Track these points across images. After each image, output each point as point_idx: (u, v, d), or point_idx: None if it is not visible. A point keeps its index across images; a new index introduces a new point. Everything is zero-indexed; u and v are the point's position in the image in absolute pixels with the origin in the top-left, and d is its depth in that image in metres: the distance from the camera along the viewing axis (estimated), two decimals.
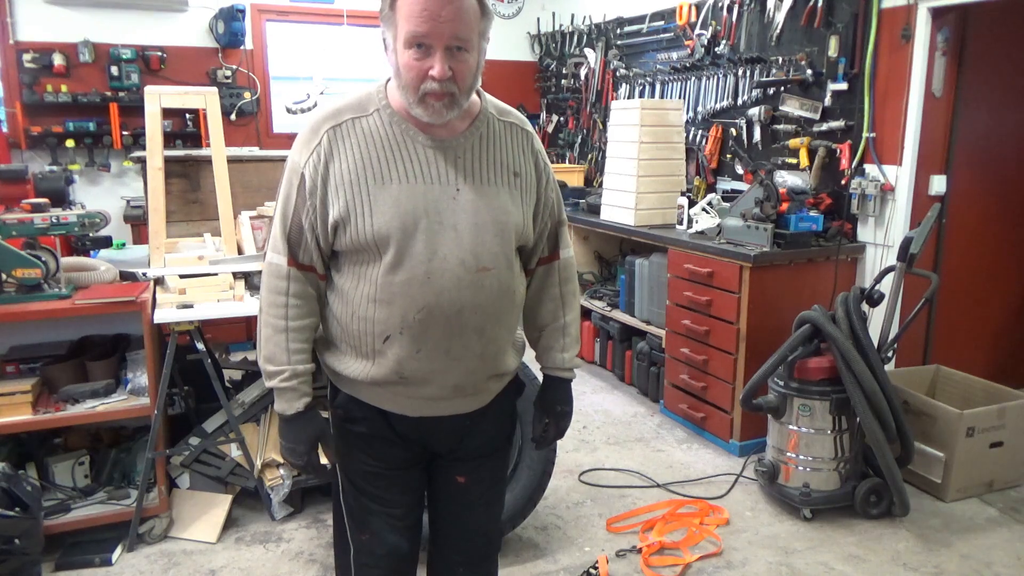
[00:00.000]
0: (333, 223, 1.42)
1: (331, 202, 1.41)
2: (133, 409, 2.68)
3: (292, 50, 5.71)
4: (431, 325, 1.43)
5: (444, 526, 1.73)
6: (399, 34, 1.35)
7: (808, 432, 2.96)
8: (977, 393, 3.28)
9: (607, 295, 4.64)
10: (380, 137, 1.43)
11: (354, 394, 1.56)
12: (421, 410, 1.54)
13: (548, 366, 1.72)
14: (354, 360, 1.50)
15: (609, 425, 3.88)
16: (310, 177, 1.42)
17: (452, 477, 1.67)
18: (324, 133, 1.43)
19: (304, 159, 1.43)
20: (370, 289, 1.43)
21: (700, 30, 4.41)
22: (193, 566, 2.62)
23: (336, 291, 1.50)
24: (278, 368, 1.50)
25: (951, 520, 2.94)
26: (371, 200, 1.40)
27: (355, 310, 1.46)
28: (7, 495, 2.42)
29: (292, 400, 1.52)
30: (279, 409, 1.53)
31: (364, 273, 1.44)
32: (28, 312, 2.56)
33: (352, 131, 1.43)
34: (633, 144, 4.08)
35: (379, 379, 1.48)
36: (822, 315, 2.91)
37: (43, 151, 4.97)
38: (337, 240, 1.44)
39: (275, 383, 1.51)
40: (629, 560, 2.68)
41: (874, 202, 3.46)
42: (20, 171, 2.99)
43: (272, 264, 1.49)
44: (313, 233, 1.45)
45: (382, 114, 1.45)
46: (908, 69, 3.30)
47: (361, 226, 1.40)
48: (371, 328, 1.45)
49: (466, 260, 1.43)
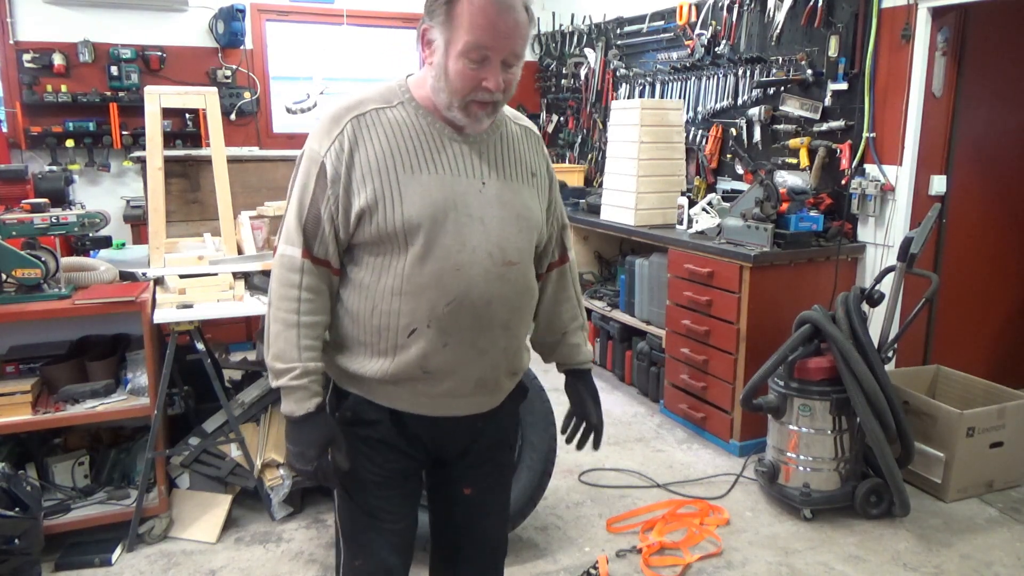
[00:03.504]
0: (359, 212, 1.38)
1: (356, 191, 1.38)
2: (133, 409, 2.68)
3: (292, 50, 5.71)
4: (460, 317, 1.42)
5: (454, 538, 1.70)
6: (455, 41, 1.33)
7: (808, 432, 2.96)
8: (977, 393, 3.28)
9: (607, 295, 4.64)
10: (407, 127, 1.42)
11: (366, 395, 1.51)
12: (440, 409, 1.51)
13: (579, 361, 1.78)
14: (369, 358, 1.46)
15: (609, 425, 3.88)
16: (332, 166, 1.39)
17: (459, 489, 1.65)
18: (348, 122, 1.40)
19: (325, 147, 1.40)
20: (394, 281, 1.40)
21: (700, 30, 4.41)
22: (193, 566, 2.62)
23: (353, 286, 1.46)
24: (288, 365, 1.43)
25: (951, 520, 2.94)
26: (400, 189, 1.38)
27: (376, 304, 1.42)
28: (7, 495, 2.42)
29: (302, 400, 1.44)
30: (287, 411, 1.46)
31: (387, 265, 1.41)
32: (28, 312, 2.56)
33: (378, 120, 1.41)
34: (633, 144, 4.08)
35: (398, 376, 1.45)
36: (822, 315, 2.91)
37: (43, 151, 4.97)
38: (360, 231, 1.41)
39: (284, 381, 1.43)
40: (629, 560, 2.68)
41: (874, 202, 3.46)
42: (20, 171, 3.00)
43: (285, 256, 1.44)
44: (332, 224, 1.41)
45: (407, 106, 1.43)
46: (908, 69, 3.30)
47: (390, 215, 1.37)
48: (395, 322, 1.41)
49: (493, 253, 1.43)
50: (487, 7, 1.31)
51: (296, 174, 1.45)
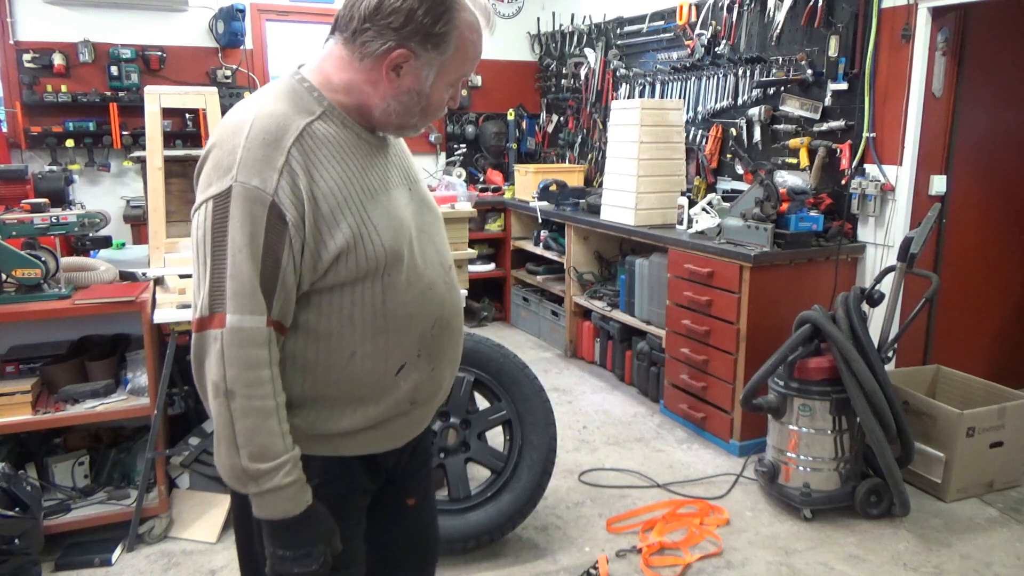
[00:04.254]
0: (334, 255, 1.17)
1: (328, 231, 1.16)
2: (133, 409, 2.68)
3: (292, 50, 5.71)
4: (443, 337, 1.34)
5: (396, 550, 1.57)
6: (446, 71, 1.24)
7: (808, 432, 2.96)
8: (977, 393, 3.28)
9: (607, 295, 4.64)
10: (346, 144, 1.23)
11: (335, 453, 1.29)
12: (412, 433, 1.40)
13: None
14: (343, 412, 1.26)
15: (609, 425, 3.88)
16: (291, 205, 1.13)
17: (403, 503, 1.54)
18: (290, 147, 1.15)
19: (271, 183, 1.12)
20: (376, 321, 1.23)
21: (700, 30, 4.41)
22: (193, 566, 2.62)
23: (311, 338, 1.22)
24: (277, 463, 1.15)
25: (951, 520, 2.94)
26: (371, 218, 1.21)
27: (356, 349, 1.23)
28: (7, 495, 2.42)
29: (298, 495, 1.19)
30: (282, 512, 1.18)
31: (360, 303, 1.22)
32: (28, 312, 2.56)
33: (316, 140, 1.19)
34: (633, 144, 4.08)
35: (383, 418, 1.29)
36: (822, 315, 2.91)
37: (43, 151, 4.97)
38: (329, 275, 1.18)
39: (276, 482, 1.15)
40: (629, 560, 2.68)
41: (874, 202, 3.46)
42: (20, 171, 3.01)
43: (244, 330, 1.12)
44: (295, 275, 1.16)
45: (331, 118, 1.23)
46: (908, 69, 3.30)
47: (371, 249, 1.19)
48: (381, 365, 1.26)
49: (442, 261, 1.37)
50: (479, 40, 1.26)
51: (229, 221, 1.12)
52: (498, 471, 2.69)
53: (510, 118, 6.32)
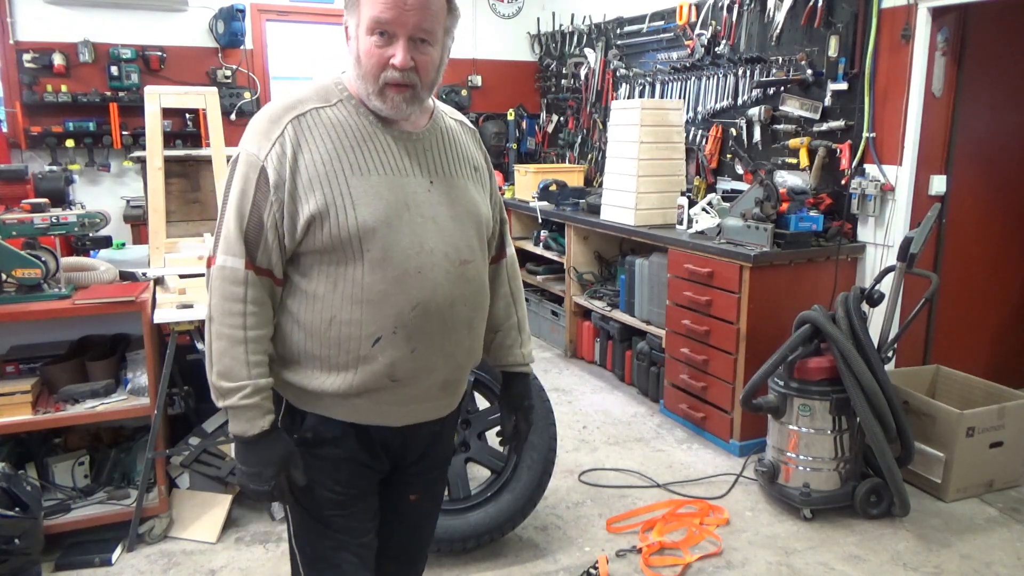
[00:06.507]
0: (307, 219, 1.32)
1: (303, 197, 1.32)
2: (133, 409, 2.68)
3: (292, 50, 5.72)
4: (427, 321, 1.39)
5: (385, 539, 1.63)
6: (362, 20, 1.32)
7: (808, 432, 2.96)
8: (977, 393, 3.28)
9: (607, 295, 4.64)
10: (350, 127, 1.37)
11: (326, 413, 1.44)
12: (407, 417, 1.48)
13: (509, 363, 1.72)
14: (328, 373, 1.40)
15: (609, 425, 3.88)
16: (275, 170, 1.32)
17: (405, 496, 1.62)
18: (288, 123, 1.34)
19: (264, 151, 1.33)
20: (353, 290, 1.35)
21: (700, 30, 4.41)
22: (193, 566, 2.62)
23: (305, 297, 1.38)
24: (237, 384, 1.35)
25: (951, 520, 2.94)
26: (352, 192, 1.33)
27: (335, 314, 1.36)
28: (7, 495, 2.42)
29: (255, 419, 1.37)
30: (238, 431, 1.37)
31: (343, 273, 1.35)
32: (28, 312, 2.56)
33: (318, 120, 1.36)
34: (633, 144, 4.08)
35: (363, 388, 1.39)
36: (822, 315, 2.91)
37: (43, 151, 4.97)
38: (309, 239, 1.34)
39: (234, 401, 1.35)
40: (629, 560, 2.68)
41: (874, 202, 3.46)
42: (20, 171, 3.00)
43: (226, 268, 1.35)
44: (276, 232, 1.34)
45: (346, 105, 1.39)
46: (908, 69, 3.30)
47: (343, 220, 1.32)
48: (356, 332, 1.36)
49: (449, 253, 1.41)
50: None
51: (232, 179, 1.37)
52: (498, 471, 2.69)
53: (510, 118, 6.32)
